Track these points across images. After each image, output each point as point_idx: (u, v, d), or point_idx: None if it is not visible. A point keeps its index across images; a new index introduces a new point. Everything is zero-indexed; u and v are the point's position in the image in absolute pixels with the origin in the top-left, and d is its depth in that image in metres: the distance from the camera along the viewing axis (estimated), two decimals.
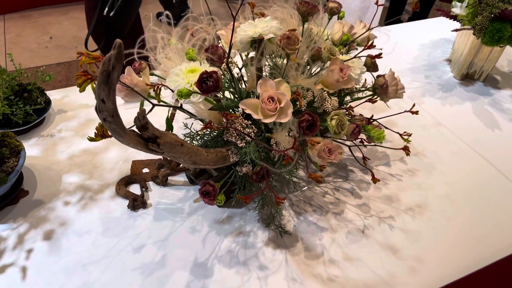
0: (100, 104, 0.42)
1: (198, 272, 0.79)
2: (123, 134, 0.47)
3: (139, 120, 0.50)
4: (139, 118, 0.50)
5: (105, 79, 0.40)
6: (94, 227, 0.85)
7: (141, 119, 0.50)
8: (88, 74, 0.52)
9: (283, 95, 0.64)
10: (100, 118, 0.44)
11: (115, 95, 0.43)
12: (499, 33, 1.13)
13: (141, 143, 0.52)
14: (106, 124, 0.45)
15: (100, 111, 0.43)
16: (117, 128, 0.46)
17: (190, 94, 0.65)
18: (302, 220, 0.89)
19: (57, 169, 0.97)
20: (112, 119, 0.44)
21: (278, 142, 0.75)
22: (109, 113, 0.43)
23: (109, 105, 0.42)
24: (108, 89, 0.40)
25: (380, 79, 0.88)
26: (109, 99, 0.42)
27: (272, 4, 0.87)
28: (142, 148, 0.53)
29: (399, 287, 0.78)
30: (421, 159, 1.05)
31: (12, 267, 0.78)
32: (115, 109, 0.44)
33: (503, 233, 0.89)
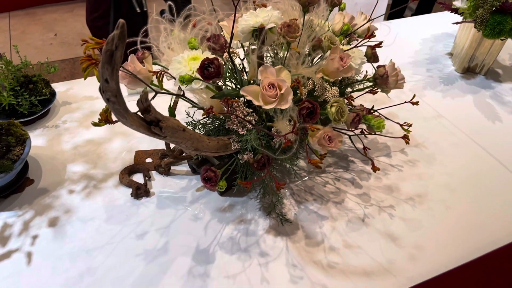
0: (103, 84, 0.43)
1: (200, 258, 0.80)
2: (126, 115, 0.49)
3: (142, 103, 0.51)
4: (141, 101, 0.51)
5: (108, 59, 0.41)
6: (98, 215, 0.87)
7: (143, 102, 0.51)
8: (92, 58, 0.54)
9: (283, 82, 0.65)
10: (104, 99, 0.46)
11: (118, 75, 0.44)
12: (500, 25, 1.14)
13: (144, 125, 0.53)
14: (110, 105, 0.46)
15: (103, 91, 0.44)
16: (120, 108, 0.47)
17: (192, 80, 0.66)
18: (303, 209, 0.90)
19: (61, 159, 0.99)
20: (115, 99, 0.45)
21: (279, 131, 0.76)
22: (112, 93, 0.44)
23: (112, 85, 0.43)
24: (111, 68, 0.42)
25: (380, 69, 0.89)
26: (112, 79, 0.43)
27: None
28: (145, 130, 0.54)
29: (398, 274, 0.79)
30: (422, 150, 1.06)
31: (18, 253, 0.79)
32: (118, 89, 0.45)
33: (502, 222, 0.89)
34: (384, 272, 0.79)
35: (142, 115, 0.53)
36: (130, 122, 0.50)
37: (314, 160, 0.68)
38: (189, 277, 0.77)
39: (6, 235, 0.82)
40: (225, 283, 0.76)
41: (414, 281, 0.78)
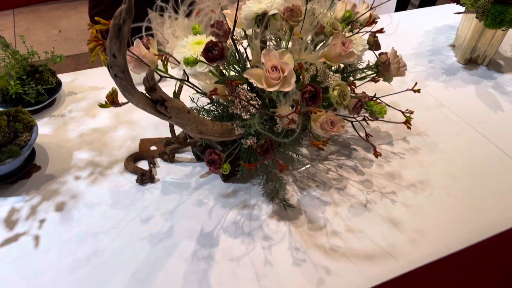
0: (111, 59, 0.45)
1: (204, 242, 0.81)
2: (133, 92, 0.50)
3: (148, 81, 0.52)
4: (147, 79, 0.52)
5: (116, 33, 0.42)
6: (103, 200, 0.88)
7: (149, 80, 0.52)
8: (99, 39, 0.55)
9: (286, 65, 0.66)
10: (111, 75, 0.47)
11: (126, 50, 0.45)
12: (501, 15, 1.14)
13: (150, 104, 0.55)
14: (117, 81, 0.47)
15: (111, 67, 0.46)
16: (127, 84, 0.48)
17: (197, 62, 0.67)
18: (306, 195, 0.91)
19: (67, 147, 1.00)
20: (123, 75, 0.46)
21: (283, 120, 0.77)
22: (120, 68, 0.46)
23: (120, 60, 0.45)
24: (119, 43, 0.43)
25: (382, 56, 0.90)
26: (120, 54, 0.44)
27: None
28: (151, 109, 0.55)
29: (399, 257, 0.80)
30: (424, 139, 1.07)
31: (25, 236, 0.81)
32: (126, 64, 0.46)
33: (502, 208, 0.90)
34: (386, 255, 0.80)
35: (148, 94, 0.55)
36: (136, 100, 0.51)
37: (316, 142, 0.69)
38: (193, 259, 0.78)
39: (13, 219, 0.84)
40: (229, 265, 0.78)
41: (415, 264, 0.79)
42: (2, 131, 0.85)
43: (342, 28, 0.91)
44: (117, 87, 0.49)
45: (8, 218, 0.84)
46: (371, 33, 0.93)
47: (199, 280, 0.75)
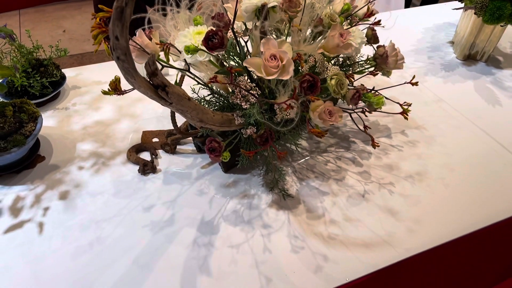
0: (114, 41, 0.46)
1: (204, 229, 0.83)
2: (135, 75, 0.51)
3: (149, 66, 0.54)
4: (149, 64, 0.54)
5: (119, 15, 0.44)
6: (106, 189, 0.90)
7: (151, 65, 0.54)
8: (102, 26, 0.57)
9: (284, 53, 0.68)
10: (114, 58, 0.49)
11: (128, 33, 0.47)
12: (499, 11, 1.16)
13: (151, 88, 0.56)
14: (119, 63, 0.49)
15: (114, 49, 0.47)
16: (130, 67, 0.50)
17: (197, 50, 0.69)
18: (305, 185, 0.93)
19: (71, 138, 1.02)
20: (125, 58, 0.48)
21: (281, 106, 0.79)
22: (122, 51, 0.47)
23: (122, 43, 0.46)
24: (121, 25, 0.45)
25: (380, 49, 0.91)
26: (123, 36, 0.46)
27: None
28: (152, 93, 0.57)
29: (396, 245, 0.81)
30: (422, 132, 1.08)
31: (30, 223, 0.83)
32: (128, 47, 0.48)
33: (498, 199, 0.91)
34: (383, 243, 0.82)
35: (150, 79, 0.56)
36: (138, 83, 0.53)
37: (314, 129, 0.71)
38: (194, 246, 0.80)
39: (18, 207, 0.86)
40: (229, 252, 0.79)
41: (412, 252, 0.80)
42: (7, 121, 0.87)
43: (341, 21, 0.92)
44: (120, 70, 0.51)
45: (13, 206, 0.86)
46: (370, 27, 0.95)
47: (199, 266, 0.77)
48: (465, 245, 0.86)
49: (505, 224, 0.88)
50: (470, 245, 0.87)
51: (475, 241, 0.86)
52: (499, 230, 0.88)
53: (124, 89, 0.68)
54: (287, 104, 0.68)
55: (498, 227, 0.87)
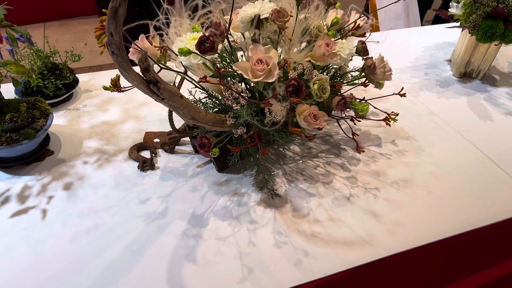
0: (109, 37, 0.53)
1: (194, 222, 0.88)
2: (128, 69, 0.58)
3: (142, 62, 0.61)
4: (142, 60, 0.61)
5: (113, 14, 0.51)
6: (107, 182, 0.97)
7: (143, 61, 0.61)
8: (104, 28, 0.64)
9: (270, 58, 0.74)
10: (109, 52, 0.55)
11: (121, 30, 0.54)
12: (492, 29, 1.20)
13: (144, 83, 0.63)
14: (114, 58, 0.56)
15: (109, 45, 0.54)
16: (123, 61, 0.57)
17: (190, 52, 0.76)
18: (293, 187, 0.98)
19: (79, 136, 1.10)
20: (119, 52, 0.55)
21: (271, 109, 0.85)
22: (116, 46, 0.54)
23: (116, 39, 0.53)
24: (115, 23, 0.52)
25: (368, 60, 0.97)
26: (116, 33, 0.53)
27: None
28: (144, 88, 0.63)
29: (376, 245, 0.85)
30: (411, 142, 1.12)
31: (34, 209, 0.90)
32: (121, 43, 0.55)
33: (480, 207, 0.94)
34: (363, 243, 0.86)
35: (143, 75, 0.63)
36: (131, 77, 0.60)
37: (295, 129, 0.76)
38: (183, 237, 0.85)
39: (25, 194, 0.93)
40: (215, 244, 0.84)
41: (390, 251, 0.84)
42: (21, 116, 0.95)
43: (332, 34, 0.99)
44: (115, 64, 0.57)
45: (20, 193, 0.93)
46: (360, 40, 1.01)
47: (186, 255, 0.82)
48: (443, 248, 0.89)
49: (483, 232, 0.91)
50: (447, 249, 0.90)
51: (453, 245, 0.89)
52: (477, 236, 0.90)
53: (124, 87, 0.75)
54: (267, 102, 0.73)
55: (476, 234, 0.90)
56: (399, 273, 0.89)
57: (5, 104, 0.95)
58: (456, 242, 0.89)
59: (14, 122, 0.94)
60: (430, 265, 0.90)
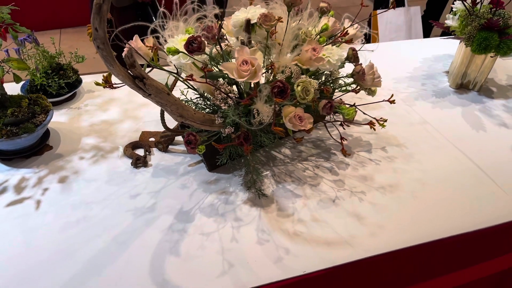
0: (94, 32, 0.57)
1: (181, 218, 0.91)
2: (113, 63, 0.62)
3: (128, 58, 0.64)
4: (127, 56, 0.64)
5: (97, 10, 0.55)
6: (100, 177, 1.00)
7: (129, 57, 0.64)
8: None
9: (255, 59, 0.77)
10: (95, 46, 0.59)
11: (105, 25, 0.58)
12: (486, 41, 1.22)
13: (129, 77, 0.66)
14: (99, 52, 0.60)
15: (94, 39, 0.58)
16: (108, 55, 0.60)
17: (178, 52, 0.79)
18: (280, 188, 1.00)
19: (78, 133, 1.14)
20: (104, 46, 0.59)
21: (258, 111, 0.88)
22: (101, 40, 0.58)
23: (100, 33, 0.57)
24: (99, 18, 0.55)
25: (357, 66, 0.99)
26: (101, 28, 0.56)
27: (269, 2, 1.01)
28: (129, 82, 0.67)
29: (357, 246, 0.86)
30: (402, 150, 1.13)
31: (29, 200, 0.93)
32: (105, 38, 0.58)
33: (465, 214, 0.95)
34: (344, 243, 0.87)
35: (129, 70, 0.67)
36: (116, 71, 0.63)
37: (275, 127, 0.79)
38: (168, 231, 0.88)
39: (22, 186, 0.97)
40: (199, 239, 0.87)
41: (370, 253, 0.85)
42: (22, 111, 1.00)
43: (323, 40, 1.02)
44: (101, 58, 0.61)
45: (17, 184, 0.97)
46: (351, 47, 1.03)
47: (170, 248, 0.84)
48: (422, 253, 0.90)
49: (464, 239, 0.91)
50: (426, 253, 0.90)
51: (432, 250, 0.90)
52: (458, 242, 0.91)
53: (115, 83, 0.79)
54: (246, 100, 0.76)
55: (457, 240, 0.90)
56: (378, 274, 0.90)
57: (8, 99, 1.00)
58: (436, 247, 0.90)
59: (15, 116, 0.98)
60: (408, 268, 0.90)
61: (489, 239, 0.96)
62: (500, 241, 0.99)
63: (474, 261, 0.96)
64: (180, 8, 0.94)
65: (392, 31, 2.28)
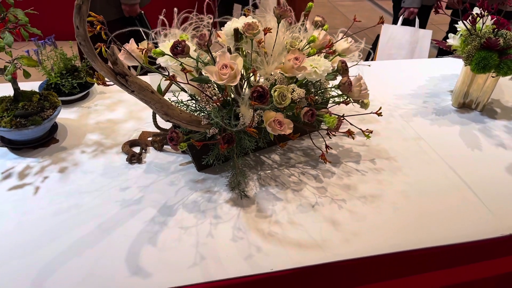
0: (76, 30, 0.64)
1: (164, 211, 0.96)
2: (94, 59, 0.69)
3: (110, 56, 0.71)
4: (110, 54, 0.71)
5: (78, 10, 0.62)
6: (96, 170, 1.07)
7: (111, 55, 0.71)
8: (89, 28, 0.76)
9: (234, 64, 0.83)
10: (77, 43, 0.66)
11: (86, 24, 0.64)
12: (484, 60, 1.22)
13: (111, 73, 0.73)
14: (82, 48, 0.66)
15: (76, 36, 0.65)
16: (89, 52, 0.67)
17: (163, 54, 0.86)
18: (263, 191, 1.03)
19: (84, 129, 1.23)
20: (85, 43, 0.65)
21: (242, 114, 0.93)
22: (82, 37, 0.65)
23: (81, 31, 0.64)
24: (79, 17, 0.62)
25: (344, 78, 1.03)
26: (81, 26, 0.63)
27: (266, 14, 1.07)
28: (112, 78, 0.74)
29: (328, 250, 0.88)
30: (391, 163, 1.15)
31: (29, 186, 1.01)
32: (86, 35, 0.65)
33: (443, 227, 0.95)
34: (316, 246, 0.89)
35: (112, 67, 0.73)
36: (99, 67, 0.70)
37: (249, 128, 0.83)
38: (150, 222, 0.93)
39: (25, 173, 1.05)
40: (178, 231, 0.91)
41: (339, 257, 0.87)
42: (32, 105, 1.09)
43: (313, 52, 1.06)
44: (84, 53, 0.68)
45: (21, 172, 1.06)
46: (340, 60, 1.07)
47: (149, 238, 0.90)
48: (392, 262, 0.90)
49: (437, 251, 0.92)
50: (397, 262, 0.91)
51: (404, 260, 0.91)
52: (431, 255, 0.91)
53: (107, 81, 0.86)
54: (216, 100, 0.82)
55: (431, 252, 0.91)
56: (345, 278, 0.91)
57: (20, 93, 1.10)
58: (410, 257, 0.90)
59: (25, 109, 1.08)
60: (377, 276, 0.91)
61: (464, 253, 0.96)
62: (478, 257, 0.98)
63: (445, 274, 0.95)
64: (174, 18, 1.01)
65: (393, 47, 2.27)
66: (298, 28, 1.11)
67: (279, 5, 0.99)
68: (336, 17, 4.95)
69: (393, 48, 2.26)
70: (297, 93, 0.98)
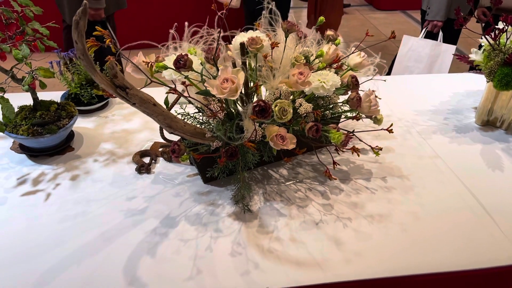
0: (75, 44, 0.66)
1: (166, 222, 0.97)
2: (94, 72, 0.71)
3: (110, 69, 0.73)
4: (109, 67, 0.73)
5: (76, 25, 0.64)
6: (106, 179, 1.10)
7: (111, 68, 0.73)
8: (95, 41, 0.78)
9: (235, 78, 0.83)
10: (77, 56, 0.68)
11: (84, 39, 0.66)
12: (507, 77, 1.16)
13: (111, 86, 0.75)
14: (81, 62, 0.68)
15: (76, 50, 0.67)
16: (88, 65, 0.69)
17: (165, 67, 0.87)
18: (268, 206, 1.02)
19: (99, 138, 1.26)
20: (83, 57, 0.68)
21: (246, 128, 0.93)
22: (80, 51, 0.67)
23: (79, 45, 0.66)
24: (77, 32, 0.64)
25: (352, 93, 1.01)
26: (79, 41, 0.65)
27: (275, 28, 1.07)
28: (112, 91, 0.75)
29: (327, 270, 0.86)
30: (403, 181, 1.11)
31: (41, 192, 1.05)
32: (85, 49, 0.67)
33: (455, 253, 0.90)
34: (315, 265, 0.87)
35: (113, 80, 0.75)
36: (98, 80, 0.72)
37: (247, 142, 0.83)
38: (151, 233, 0.94)
39: (39, 179, 1.09)
40: (177, 243, 0.92)
41: (339, 278, 0.84)
42: (49, 114, 1.14)
43: (322, 66, 1.05)
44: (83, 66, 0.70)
45: (36, 178, 1.10)
46: (351, 74, 1.05)
47: (149, 248, 0.90)
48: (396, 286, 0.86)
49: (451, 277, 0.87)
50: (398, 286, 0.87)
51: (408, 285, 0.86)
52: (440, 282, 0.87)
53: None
54: (214, 113, 0.82)
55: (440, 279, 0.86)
56: None
57: (39, 103, 1.14)
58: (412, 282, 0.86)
59: (42, 118, 1.12)
60: None
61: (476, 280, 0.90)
62: (492, 286, 0.92)
63: None
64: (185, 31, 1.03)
65: (412, 59, 2.20)
66: (311, 42, 1.10)
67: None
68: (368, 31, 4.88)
69: (411, 61, 2.20)
70: (304, 108, 0.97)
